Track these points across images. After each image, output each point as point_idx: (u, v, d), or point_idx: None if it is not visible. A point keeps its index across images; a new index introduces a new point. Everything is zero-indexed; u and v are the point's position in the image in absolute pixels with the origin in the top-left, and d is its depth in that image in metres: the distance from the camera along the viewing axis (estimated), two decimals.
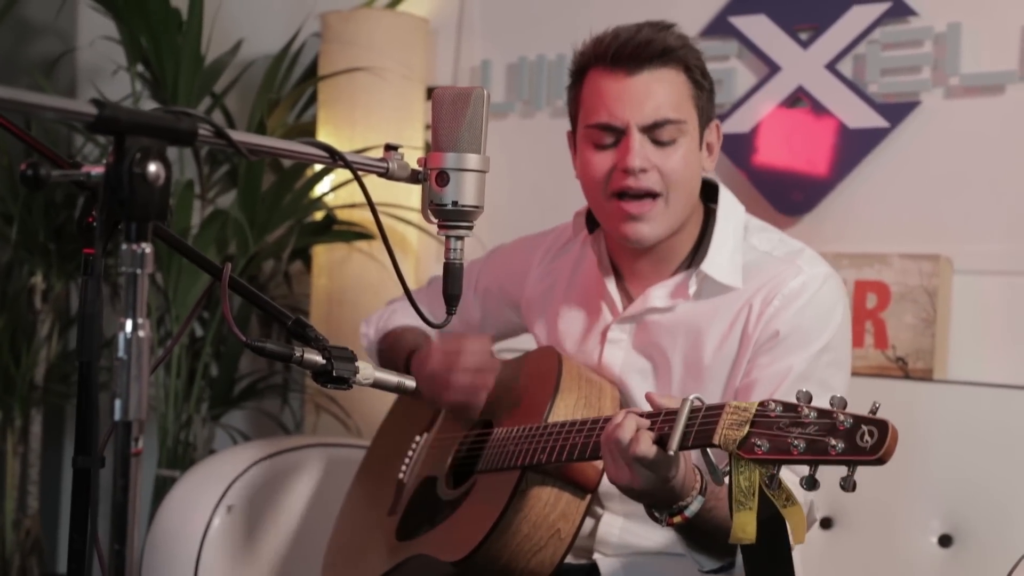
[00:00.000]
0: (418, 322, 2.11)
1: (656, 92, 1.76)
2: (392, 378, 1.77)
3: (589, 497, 1.75)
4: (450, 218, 1.49)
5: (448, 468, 1.94)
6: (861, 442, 1.26)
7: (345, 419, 2.93)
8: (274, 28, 3.28)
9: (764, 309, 1.78)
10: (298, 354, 1.64)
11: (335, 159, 1.37)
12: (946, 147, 2.52)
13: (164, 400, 2.94)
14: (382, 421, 2.28)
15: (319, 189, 3.00)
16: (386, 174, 1.46)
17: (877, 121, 2.57)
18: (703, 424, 1.42)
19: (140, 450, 1.13)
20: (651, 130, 1.76)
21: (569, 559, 1.78)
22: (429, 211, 1.51)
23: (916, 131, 2.55)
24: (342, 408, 2.93)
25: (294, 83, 3.21)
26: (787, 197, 2.68)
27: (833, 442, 1.27)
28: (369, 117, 2.96)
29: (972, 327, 2.47)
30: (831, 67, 2.63)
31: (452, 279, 1.53)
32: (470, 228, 1.51)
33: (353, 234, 2.97)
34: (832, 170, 2.63)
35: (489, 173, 1.51)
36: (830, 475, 1.34)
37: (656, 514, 1.55)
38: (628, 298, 1.91)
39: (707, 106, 1.83)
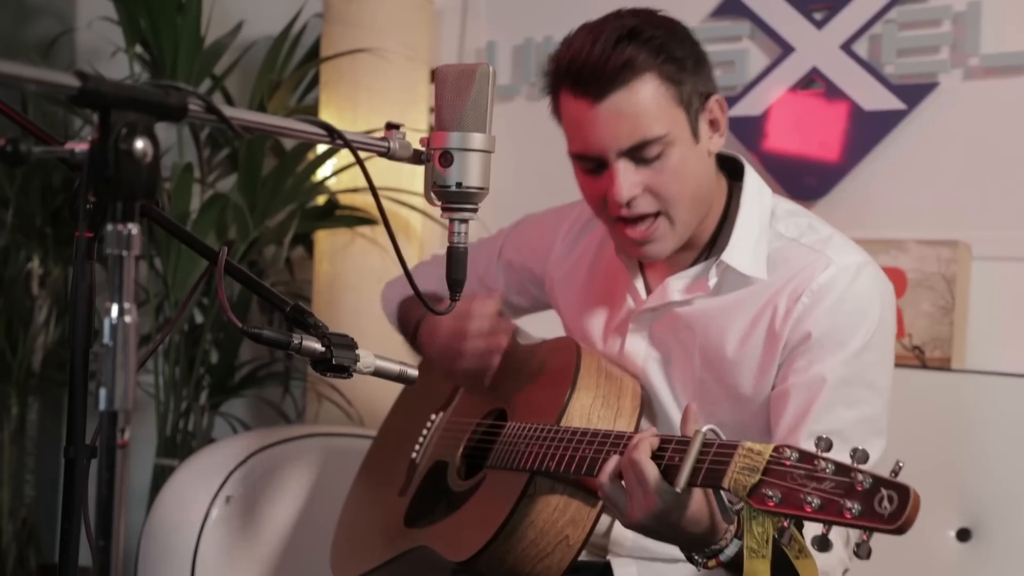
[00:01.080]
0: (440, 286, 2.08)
1: (626, 114, 1.61)
2: (394, 367, 1.71)
3: (600, 505, 1.67)
4: (454, 200, 1.44)
5: (460, 456, 1.88)
6: (879, 507, 1.15)
7: (347, 408, 2.88)
8: (276, 9, 3.21)
9: (792, 307, 1.64)
10: (296, 341, 1.58)
11: (334, 138, 1.31)
12: (965, 130, 2.46)
13: (163, 388, 2.89)
14: (399, 394, 2.22)
15: (321, 173, 2.94)
16: (387, 154, 1.40)
17: (894, 103, 2.51)
18: (714, 462, 1.33)
19: (126, 441, 1.07)
20: (633, 152, 1.63)
21: (583, 556, 1.71)
22: (432, 193, 1.45)
23: (934, 114, 2.48)
24: (344, 397, 2.87)
25: (296, 65, 3.15)
26: (800, 181, 2.61)
27: (849, 504, 1.17)
28: (372, 100, 2.90)
29: (991, 315, 2.41)
30: (846, 48, 2.56)
31: (456, 264, 1.47)
32: (475, 211, 1.45)
33: (356, 219, 2.91)
34: (847, 154, 2.57)
35: (495, 157, 1.45)
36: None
37: (695, 556, 1.45)
38: (649, 286, 1.82)
39: (695, 91, 1.66)
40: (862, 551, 1.16)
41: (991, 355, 2.39)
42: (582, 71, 1.63)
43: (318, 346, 1.60)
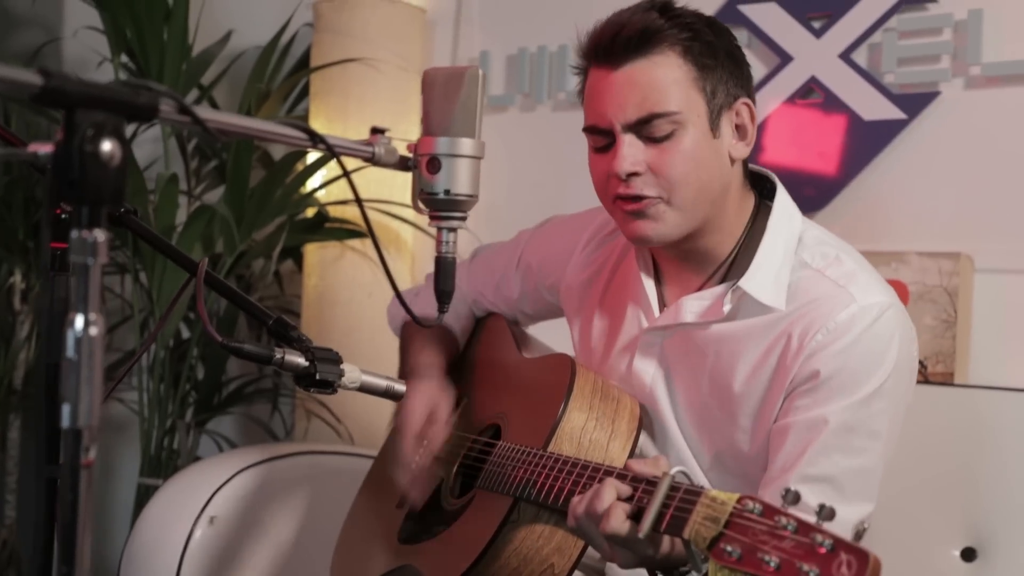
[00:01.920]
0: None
1: (639, 85, 1.56)
2: (381, 382, 1.66)
3: None
4: (442, 208, 1.39)
5: (455, 473, 1.84)
6: (837, 573, 1.10)
7: (337, 425, 2.81)
8: (266, 18, 3.17)
9: (805, 342, 1.56)
10: (278, 356, 1.53)
11: (316, 142, 1.26)
12: (967, 140, 2.41)
13: (147, 405, 2.82)
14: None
15: (310, 184, 2.88)
16: (372, 159, 1.35)
17: (894, 113, 2.46)
18: (678, 509, 1.28)
19: (91, 461, 1.01)
20: (639, 127, 1.57)
21: (579, 574, 1.66)
22: (419, 201, 1.40)
23: (935, 123, 2.43)
24: (334, 414, 2.81)
25: (286, 75, 3.10)
26: (799, 193, 2.52)
27: (807, 568, 1.12)
28: (363, 110, 2.85)
29: (995, 329, 2.36)
30: (845, 57, 2.51)
31: (444, 274, 1.42)
32: (464, 219, 1.41)
33: (346, 232, 2.85)
34: (847, 164, 2.52)
35: (487, 170, 1.40)
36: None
37: None
38: (665, 302, 1.74)
39: (722, 87, 1.60)
40: None
41: (995, 370, 2.34)
42: (602, 39, 1.59)
43: (301, 360, 1.55)
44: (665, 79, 1.56)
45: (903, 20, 2.46)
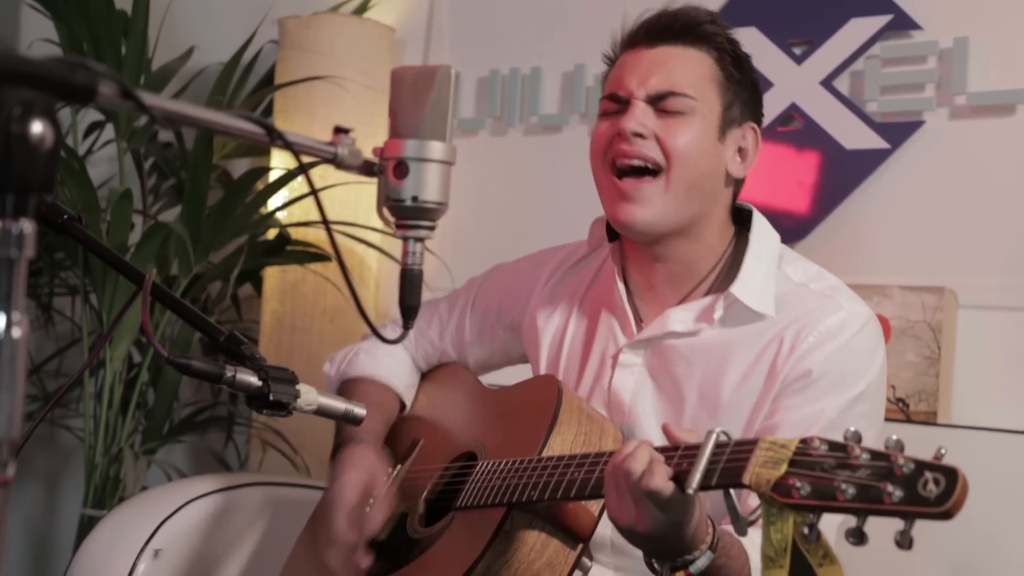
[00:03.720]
0: (383, 372, 1.99)
1: (670, 65, 1.65)
2: (339, 405, 1.56)
3: (581, 547, 1.57)
4: (409, 216, 1.30)
5: (423, 504, 1.77)
6: (924, 491, 1.06)
7: (293, 456, 2.70)
8: (230, 35, 3.08)
9: (797, 344, 1.60)
10: (229, 374, 1.43)
11: (273, 138, 1.16)
12: (951, 171, 2.35)
13: (93, 431, 2.69)
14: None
15: (271, 204, 2.78)
16: (334, 161, 1.25)
17: (876, 142, 2.40)
18: (731, 460, 1.24)
19: (9, 478, 0.91)
20: (656, 100, 1.64)
21: None
22: (385, 208, 1.31)
23: (919, 153, 2.37)
24: (290, 444, 2.70)
25: (249, 92, 3.00)
26: (778, 224, 2.47)
27: (890, 488, 1.07)
28: (328, 129, 2.70)
29: (979, 366, 2.29)
30: (827, 84, 2.45)
31: (410, 288, 1.32)
32: (432, 229, 1.32)
33: (308, 255, 2.76)
34: (827, 194, 2.45)
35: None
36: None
37: (656, 566, 1.38)
38: (640, 317, 1.75)
39: (739, 102, 1.69)
40: (904, 540, 1.07)
41: (979, 409, 2.27)
42: (649, 22, 1.69)
43: (254, 379, 1.45)
44: (693, 70, 1.66)
45: (887, 47, 2.40)
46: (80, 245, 1.54)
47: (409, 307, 1.32)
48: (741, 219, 1.75)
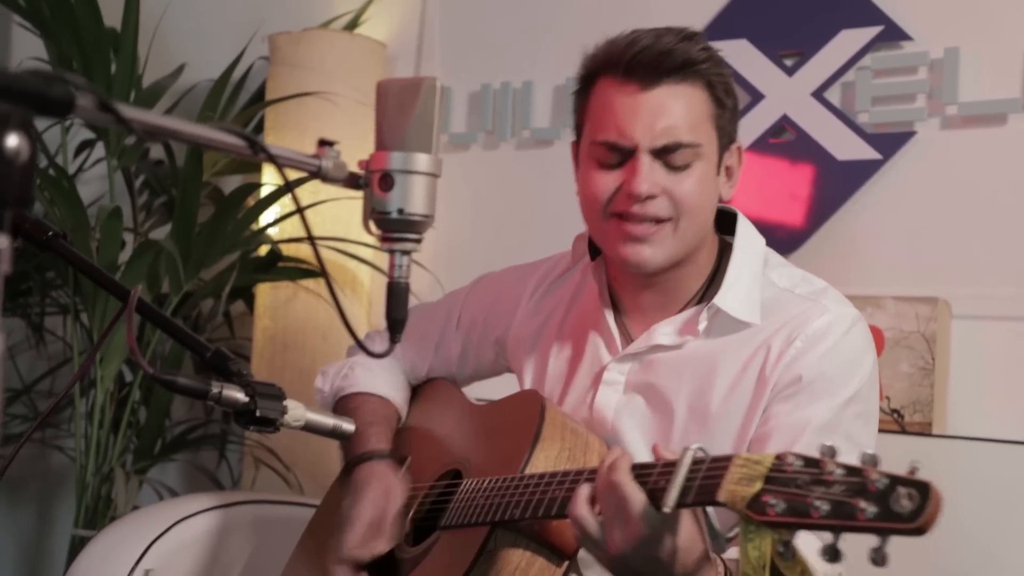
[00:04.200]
0: (381, 386, 1.97)
1: (672, 111, 1.57)
2: (327, 420, 1.55)
3: (567, 564, 1.55)
4: (395, 229, 1.29)
5: (409, 522, 1.75)
6: (897, 507, 1.04)
7: (285, 473, 2.68)
8: (221, 52, 3.07)
9: (785, 350, 1.58)
10: (215, 390, 1.41)
11: (256, 151, 1.15)
12: (943, 181, 2.34)
13: (84, 451, 2.67)
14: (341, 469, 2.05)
15: (263, 221, 2.76)
16: (319, 173, 1.23)
17: (868, 153, 2.39)
18: (707, 477, 1.22)
19: None
20: (663, 154, 1.58)
21: None
22: (371, 221, 1.30)
23: (910, 164, 2.37)
24: (282, 461, 2.68)
25: (240, 108, 2.99)
26: (770, 235, 2.46)
27: (863, 505, 1.06)
28: None
29: (974, 377, 2.27)
30: (818, 95, 2.45)
31: (396, 301, 1.31)
32: (419, 241, 1.30)
33: (299, 271, 2.74)
34: (819, 206, 2.44)
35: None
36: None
37: None
38: (627, 336, 1.72)
39: (728, 127, 1.65)
40: (879, 557, 1.05)
41: (974, 419, 2.26)
42: (640, 56, 1.58)
43: (240, 396, 1.43)
44: (693, 110, 1.59)
45: (877, 58, 2.40)
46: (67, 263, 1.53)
47: (396, 320, 1.30)
48: (723, 222, 1.73)
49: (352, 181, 1.29)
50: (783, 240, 2.45)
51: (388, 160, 1.27)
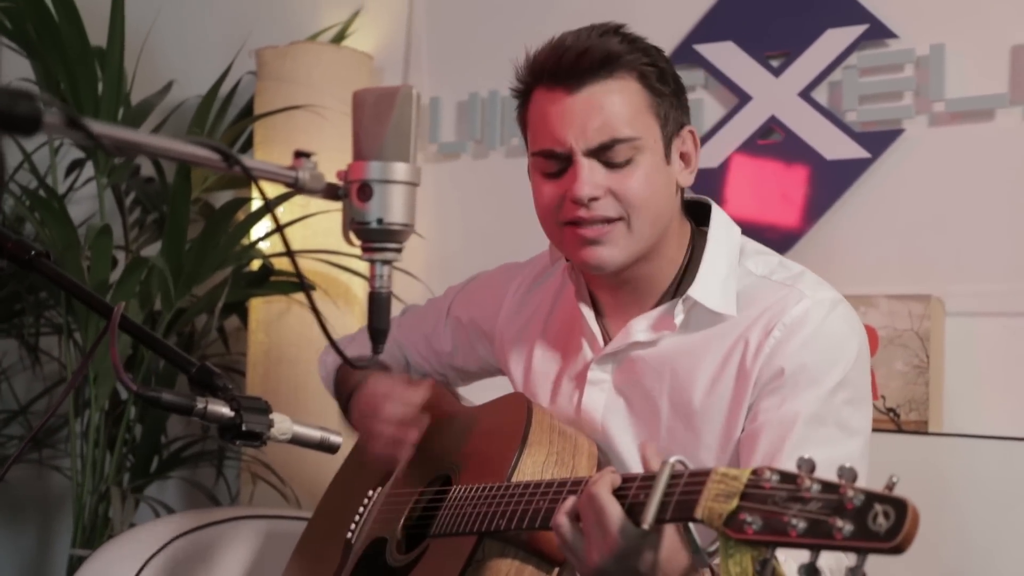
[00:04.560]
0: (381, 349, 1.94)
1: (602, 109, 1.54)
2: (314, 433, 1.53)
3: (557, 571, 1.54)
4: (375, 239, 1.28)
5: (400, 529, 1.74)
6: (874, 525, 1.02)
7: (282, 487, 2.67)
8: (208, 68, 3.06)
9: (763, 341, 1.54)
10: (200, 405, 1.41)
11: (230, 164, 1.14)
12: (933, 178, 2.33)
13: (80, 471, 2.66)
14: (338, 471, 2.04)
15: (254, 235, 2.76)
16: (295, 185, 1.23)
17: (857, 152, 2.38)
18: (685, 493, 1.20)
19: None
20: (600, 153, 1.55)
21: None
22: (351, 232, 1.29)
23: (899, 161, 2.36)
24: (278, 475, 2.67)
25: (229, 123, 2.99)
26: (761, 237, 2.44)
27: (840, 523, 1.04)
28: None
29: (969, 374, 2.26)
30: (805, 95, 2.44)
31: (378, 311, 1.31)
32: (399, 251, 1.30)
33: (292, 285, 2.74)
34: (809, 206, 2.43)
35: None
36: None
37: None
38: (608, 335, 1.71)
39: (673, 113, 1.60)
40: None
41: (970, 417, 2.25)
42: (562, 61, 1.55)
43: (226, 410, 1.42)
44: (625, 104, 1.55)
45: (863, 57, 2.39)
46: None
47: (378, 330, 1.30)
48: (697, 213, 1.70)
49: (331, 192, 1.28)
50: (775, 241, 2.43)
51: (366, 170, 1.26)
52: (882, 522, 1.02)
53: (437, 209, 2.86)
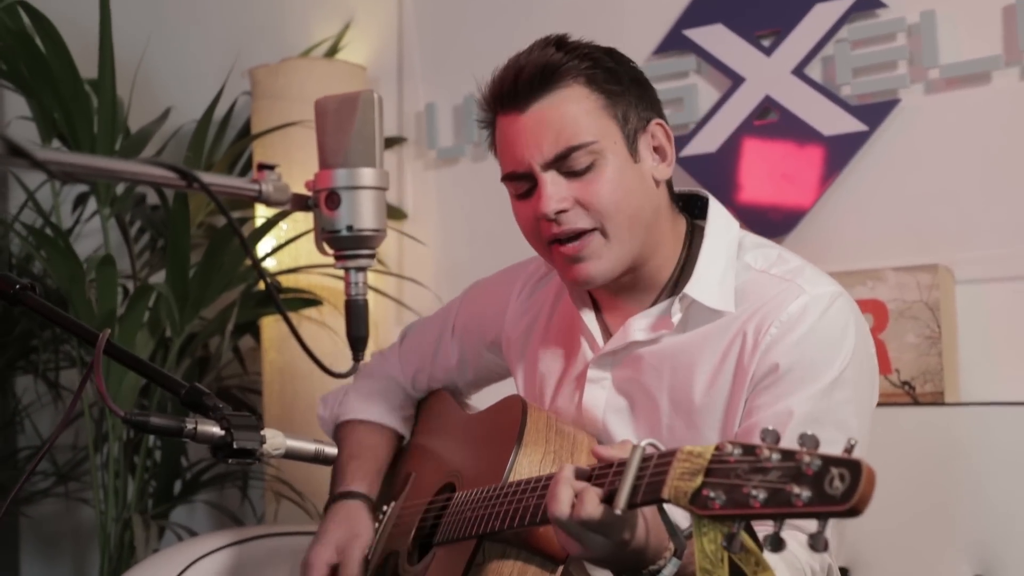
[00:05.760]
0: (375, 412, 1.98)
1: (551, 121, 1.54)
2: (308, 446, 1.52)
3: (561, 569, 1.52)
4: (346, 246, 1.28)
5: (412, 541, 1.75)
6: (830, 489, 1.01)
7: (302, 503, 2.67)
8: (205, 92, 3.06)
9: (759, 338, 1.53)
10: (190, 426, 1.40)
11: (189, 182, 1.14)
12: (933, 146, 2.30)
13: (103, 500, 2.67)
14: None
15: (259, 253, 2.75)
16: (259, 198, 1.22)
17: (855, 125, 2.35)
18: (654, 475, 1.19)
19: None
20: (558, 163, 1.54)
21: None
22: (323, 241, 1.28)
23: (898, 132, 2.33)
24: (296, 491, 2.67)
25: (229, 144, 2.99)
26: (765, 218, 2.44)
27: (797, 490, 1.03)
28: (307, 173, 2.70)
29: (982, 342, 2.23)
30: (799, 72, 2.41)
31: (355, 319, 1.31)
32: (372, 257, 1.30)
33: (300, 301, 2.74)
34: (810, 183, 2.40)
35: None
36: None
37: None
38: (608, 333, 1.70)
39: (633, 111, 1.58)
40: (818, 543, 1.02)
41: (986, 385, 2.22)
42: (506, 84, 1.57)
43: (216, 429, 1.42)
44: (575, 111, 1.54)
45: (854, 29, 2.36)
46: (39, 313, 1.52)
47: (356, 338, 1.30)
48: (693, 206, 1.69)
49: (299, 203, 1.28)
50: (778, 222, 2.42)
51: (332, 178, 1.27)
52: (838, 485, 1.01)
53: (441, 216, 2.86)
